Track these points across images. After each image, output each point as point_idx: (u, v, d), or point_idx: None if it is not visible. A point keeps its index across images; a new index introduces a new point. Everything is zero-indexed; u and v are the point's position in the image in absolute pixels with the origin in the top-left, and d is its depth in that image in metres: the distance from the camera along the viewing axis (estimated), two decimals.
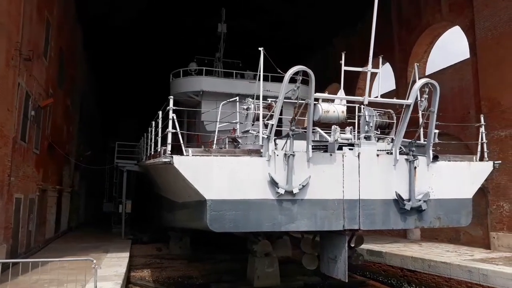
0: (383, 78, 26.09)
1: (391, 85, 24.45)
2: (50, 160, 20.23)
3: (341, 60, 9.94)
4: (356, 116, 12.40)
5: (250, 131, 10.57)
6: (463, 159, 11.25)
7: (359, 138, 10.69)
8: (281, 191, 9.21)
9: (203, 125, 16.57)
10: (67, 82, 24.22)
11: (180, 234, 19.26)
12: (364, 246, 18.89)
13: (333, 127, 10.07)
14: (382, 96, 25.35)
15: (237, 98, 11.35)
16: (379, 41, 24.77)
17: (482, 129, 11.75)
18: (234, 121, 11.68)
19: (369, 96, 11.60)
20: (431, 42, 22.26)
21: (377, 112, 11.93)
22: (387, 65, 25.17)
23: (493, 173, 16.95)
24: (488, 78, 17.37)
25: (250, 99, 10.85)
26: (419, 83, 9.92)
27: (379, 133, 12.03)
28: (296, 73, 8.82)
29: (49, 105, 16.56)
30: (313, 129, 11.29)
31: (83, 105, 31.76)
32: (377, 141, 11.77)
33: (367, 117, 11.73)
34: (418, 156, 10.48)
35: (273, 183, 9.23)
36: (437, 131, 10.54)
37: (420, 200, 10.31)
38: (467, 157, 11.44)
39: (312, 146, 10.27)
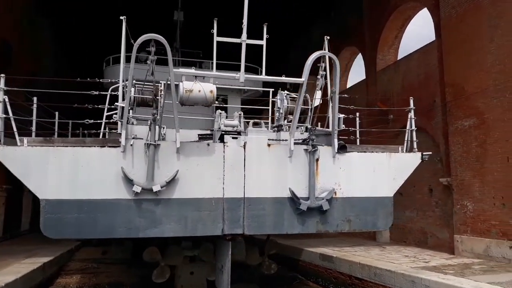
0: (359, 71, 24.32)
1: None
2: None
3: (213, 30, 8.21)
4: (270, 102, 10.80)
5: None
6: (384, 149, 9.44)
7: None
8: (137, 189, 7.63)
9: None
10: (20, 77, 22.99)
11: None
12: (318, 249, 17.27)
13: (217, 112, 8.46)
14: (353, 87, 23.65)
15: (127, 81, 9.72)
16: (351, 28, 23.23)
17: (412, 114, 9.92)
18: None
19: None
20: (401, 26, 20.31)
21: (291, 97, 10.28)
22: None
23: (456, 168, 15.26)
24: (452, 61, 15.44)
25: (133, 82, 9.25)
26: (313, 56, 8.19)
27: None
28: (149, 44, 7.22)
29: None
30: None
31: None
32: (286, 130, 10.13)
33: (278, 102, 10.13)
34: (322, 146, 8.75)
35: (127, 180, 7.65)
36: (342, 115, 8.79)
37: (322, 199, 8.58)
38: (391, 148, 9.62)
39: (199, 135, 8.72)
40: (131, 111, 8.74)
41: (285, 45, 29.97)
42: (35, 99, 9.50)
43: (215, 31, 8.07)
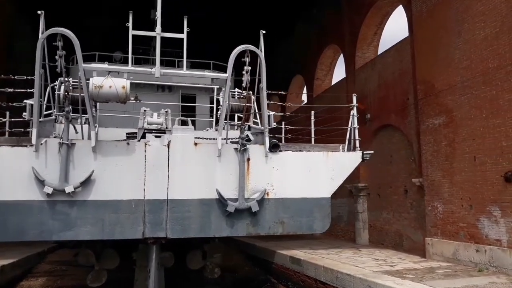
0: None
1: None
2: None
3: (129, 23, 7.84)
4: (215, 100, 10.43)
5: (53, 116, 8.70)
6: (323, 148, 9.00)
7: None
8: (48, 190, 7.32)
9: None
10: None
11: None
12: (289, 252, 16.83)
13: (142, 109, 8.12)
14: (334, 85, 23.17)
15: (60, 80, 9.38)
16: (332, 26, 22.75)
17: (354, 112, 9.45)
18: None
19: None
20: (380, 23, 19.79)
21: (237, 95, 9.91)
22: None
23: (428, 168, 14.73)
24: (423, 58, 14.94)
25: (62, 79, 8.94)
26: (236, 50, 7.78)
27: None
28: (54, 38, 6.90)
29: None
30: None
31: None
32: (236, 128, 9.78)
33: (220, 100, 9.76)
34: (254, 145, 8.35)
35: (39, 180, 7.34)
36: (272, 113, 8.41)
37: (253, 200, 8.18)
38: (330, 147, 9.17)
39: (127, 134, 8.39)
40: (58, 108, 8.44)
41: (270, 46, 29.61)
42: None
43: (130, 24, 7.71)
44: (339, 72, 25.93)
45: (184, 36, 8.20)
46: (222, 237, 10.61)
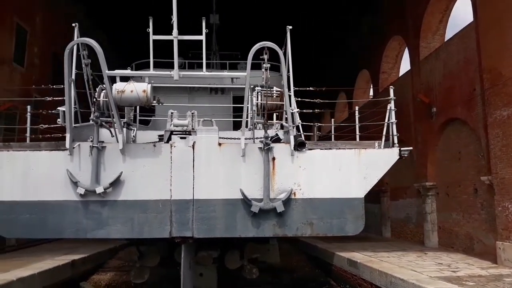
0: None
1: None
2: None
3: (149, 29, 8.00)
4: (248, 99, 10.37)
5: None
6: (356, 146, 8.50)
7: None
8: (81, 191, 7.79)
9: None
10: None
11: None
12: (347, 254, 16.20)
13: (169, 111, 8.34)
14: (400, 78, 21.92)
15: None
16: (395, 18, 21.58)
17: (392, 105, 8.78)
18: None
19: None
20: (445, 9, 18.34)
21: (268, 93, 9.76)
22: None
23: (497, 165, 13.35)
24: (488, 43, 13.57)
25: (103, 86, 9.47)
26: (254, 48, 7.63)
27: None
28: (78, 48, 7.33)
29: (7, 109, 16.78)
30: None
31: None
32: (268, 128, 9.64)
33: (253, 99, 9.73)
34: (278, 144, 8.16)
35: (73, 182, 7.84)
36: (296, 110, 8.09)
37: (279, 200, 7.98)
38: (364, 144, 8.61)
39: (159, 136, 8.70)
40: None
41: (335, 43, 28.94)
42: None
43: (150, 29, 7.93)
44: (407, 65, 24.53)
45: (203, 38, 8.24)
46: (276, 237, 10.57)
